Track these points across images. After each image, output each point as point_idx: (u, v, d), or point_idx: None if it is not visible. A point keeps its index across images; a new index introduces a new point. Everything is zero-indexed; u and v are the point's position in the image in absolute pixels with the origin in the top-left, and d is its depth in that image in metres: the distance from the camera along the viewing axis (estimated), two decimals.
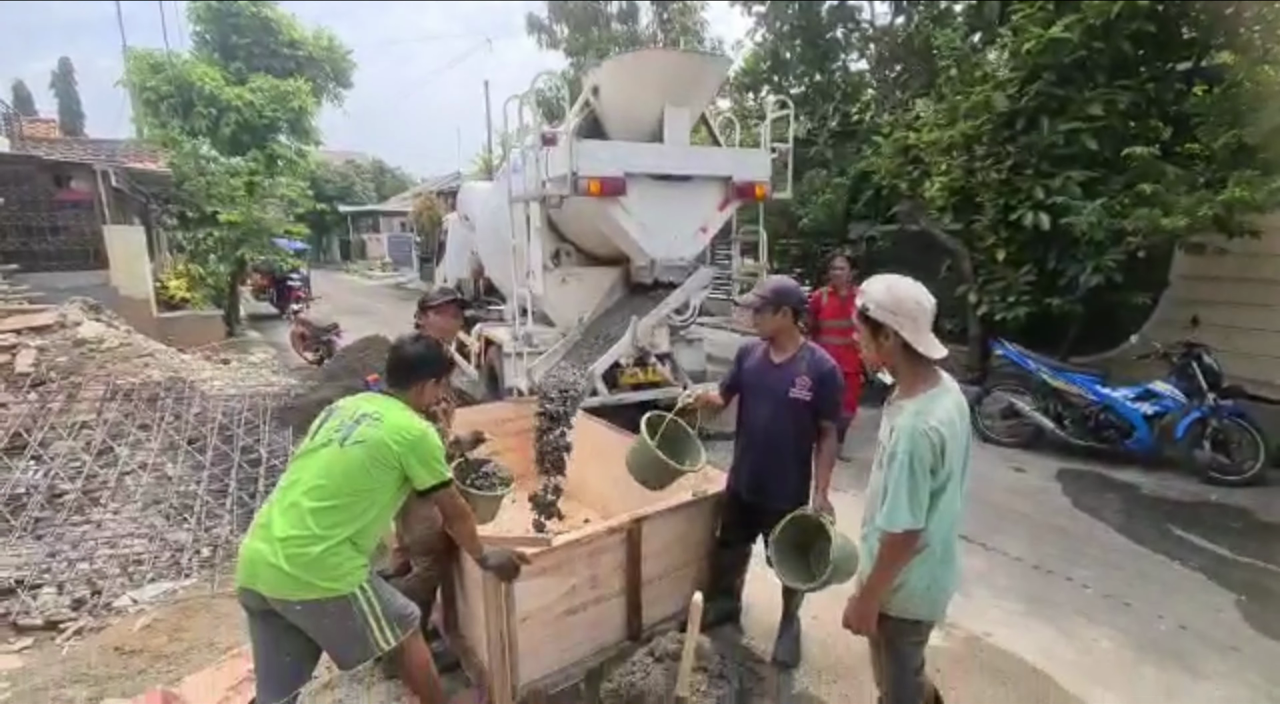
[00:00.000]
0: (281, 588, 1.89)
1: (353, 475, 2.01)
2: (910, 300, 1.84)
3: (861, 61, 9.05)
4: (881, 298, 1.85)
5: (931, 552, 1.87)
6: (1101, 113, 5.63)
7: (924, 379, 1.87)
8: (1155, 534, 4.14)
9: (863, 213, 8.30)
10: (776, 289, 2.75)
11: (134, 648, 3.05)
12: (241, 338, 11.79)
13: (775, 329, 2.75)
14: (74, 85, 37.90)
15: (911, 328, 1.82)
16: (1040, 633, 3.13)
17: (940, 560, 1.89)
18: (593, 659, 2.79)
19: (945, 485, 1.82)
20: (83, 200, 9.92)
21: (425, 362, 2.31)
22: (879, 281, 1.91)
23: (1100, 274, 5.60)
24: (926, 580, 1.89)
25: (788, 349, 2.77)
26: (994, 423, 6.01)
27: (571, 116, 5.09)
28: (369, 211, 35.84)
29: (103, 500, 4.15)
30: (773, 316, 2.72)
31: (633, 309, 5.11)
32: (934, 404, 1.81)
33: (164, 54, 12.30)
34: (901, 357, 1.86)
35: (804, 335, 2.88)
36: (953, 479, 1.83)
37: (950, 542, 1.91)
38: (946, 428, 1.78)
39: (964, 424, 1.88)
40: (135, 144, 14.01)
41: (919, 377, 1.88)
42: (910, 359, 1.86)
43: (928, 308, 1.85)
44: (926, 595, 1.91)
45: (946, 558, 1.90)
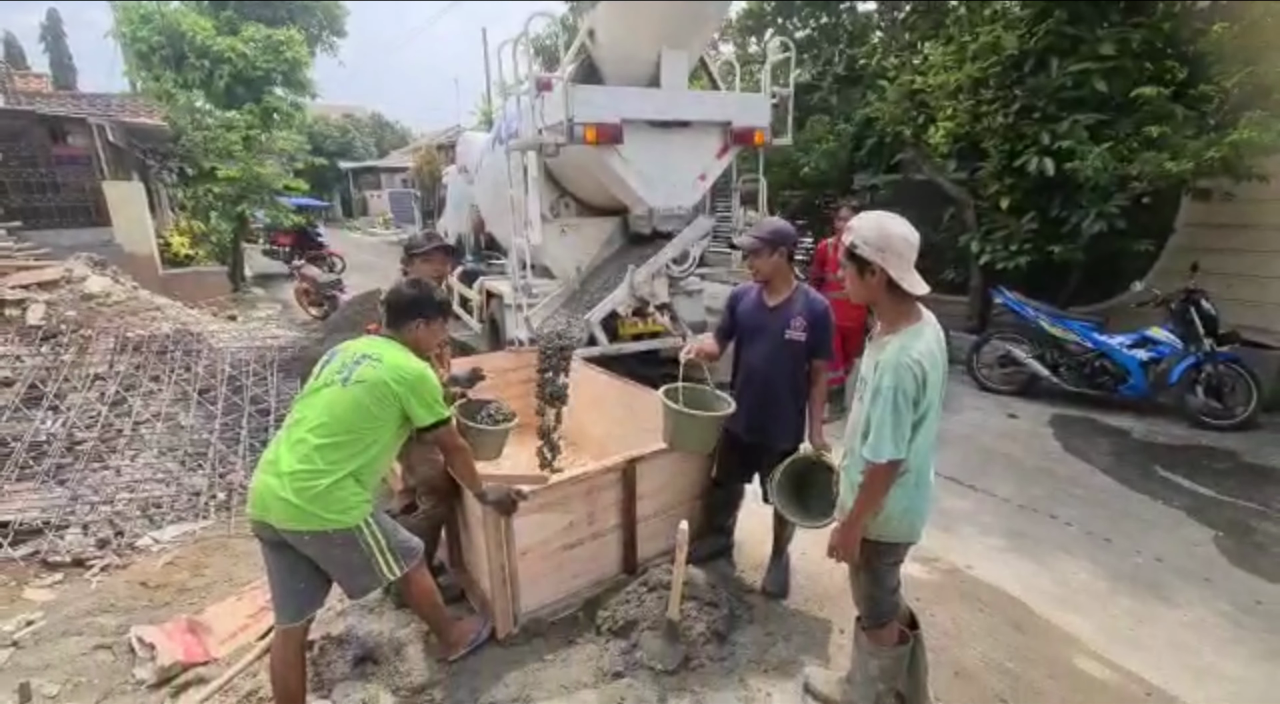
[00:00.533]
0: (291, 520, 2.00)
1: (354, 413, 2.09)
2: (898, 238, 1.87)
3: (870, 2, 8.72)
4: (870, 236, 1.88)
5: (909, 478, 1.95)
6: (1113, 52, 5.46)
7: (906, 315, 1.92)
8: (1141, 476, 4.24)
9: (866, 161, 8.16)
10: (774, 230, 2.76)
11: (158, 582, 3.23)
12: (247, 294, 11.87)
13: (772, 271, 2.78)
14: (64, 38, 36.96)
15: (897, 265, 1.86)
16: (1020, 566, 3.26)
17: (916, 486, 1.97)
18: (590, 591, 2.94)
19: (925, 416, 1.89)
20: (80, 156, 9.85)
21: (418, 303, 2.37)
22: (869, 219, 1.93)
23: (1103, 221, 5.54)
24: (904, 505, 1.98)
25: (782, 291, 2.81)
26: (991, 371, 6.07)
27: (567, 62, 4.99)
28: (369, 168, 35.36)
29: (119, 448, 4.30)
30: (770, 257, 2.74)
31: (631, 259, 5.12)
32: (916, 339, 1.87)
33: (153, 3, 11.98)
34: (885, 293, 1.90)
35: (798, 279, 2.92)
36: (932, 409, 1.90)
37: (925, 469, 1.99)
38: (928, 360, 1.84)
39: (943, 356, 1.93)
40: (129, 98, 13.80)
41: (902, 313, 1.92)
42: (894, 295, 1.90)
43: (914, 245, 1.89)
44: (904, 519, 2.01)
45: (922, 484, 1.99)
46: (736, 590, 3.01)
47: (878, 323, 2.03)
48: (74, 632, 2.82)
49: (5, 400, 4.40)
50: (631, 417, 3.97)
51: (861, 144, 8.05)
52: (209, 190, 11.48)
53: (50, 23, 36.56)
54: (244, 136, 11.69)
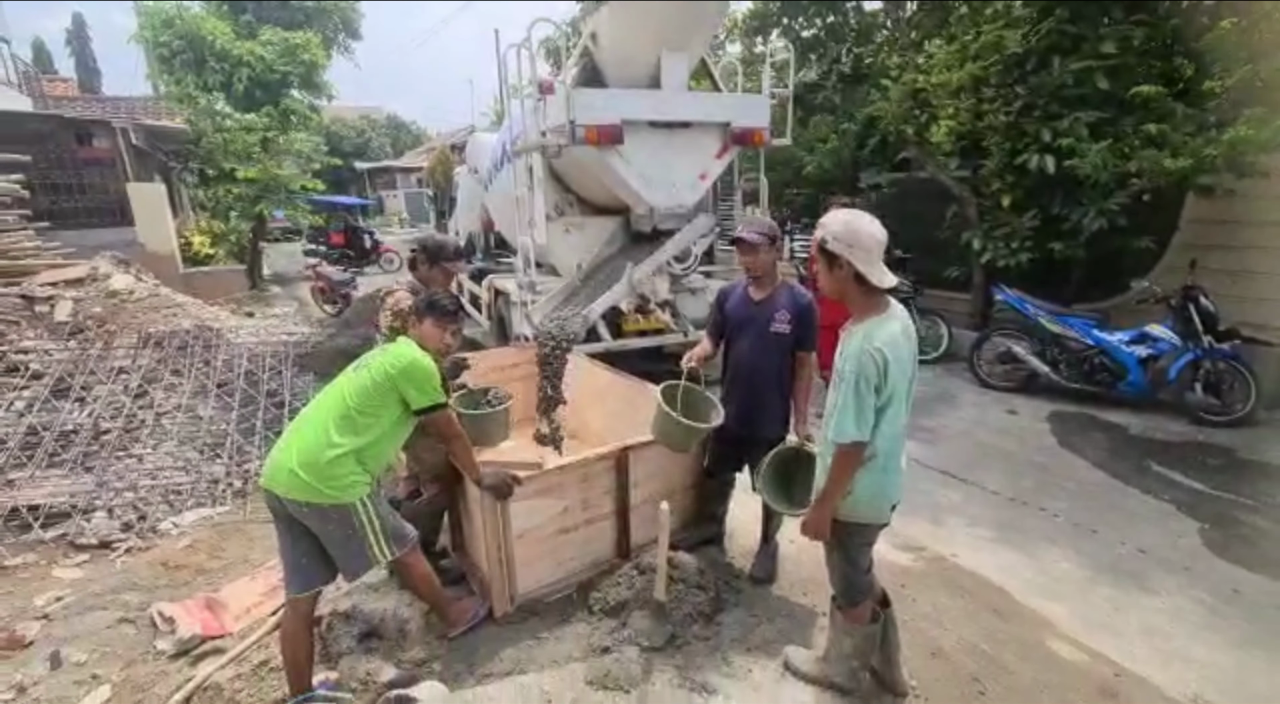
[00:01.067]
0: (293, 490, 2.16)
1: (360, 395, 2.29)
2: (865, 234, 1.98)
3: (875, 1, 8.76)
4: (839, 232, 1.99)
5: (876, 462, 2.05)
6: (1115, 50, 5.49)
7: (873, 307, 2.03)
8: (1134, 470, 4.29)
9: (869, 160, 8.21)
10: (772, 227, 2.92)
11: (179, 563, 3.42)
12: (264, 292, 12.16)
13: (766, 266, 2.91)
14: (88, 42, 37.85)
15: (865, 259, 1.96)
16: (1004, 556, 3.34)
17: (884, 470, 2.07)
18: (585, 573, 3.07)
19: (889, 402, 1.99)
20: (105, 158, 10.17)
21: (421, 307, 2.54)
22: (837, 217, 2.04)
23: (1103, 218, 5.58)
24: (872, 489, 2.09)
25: (767, 286, 2.93)
26: (991, 367, 6.12)
27: (570, 65, 5.13)
28: (385, 168, 35.79)
29: (142, 438, 4.51)
30: (766, 253, 2.88)
31: (632, 257, 5.25)
32: (880, 328, 1.97)
33: (175, 7, 12.28)
34: (853, 286, 2.01)
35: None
36: (896, 397, 2.00)
37: (893, 453, 2.09)
38: (890, 349, 1.94)
39: (910, 347, 2.03)
40: (152, 101, 14.16)
41: (869, 304, 2.03)
42: (861, 288, 2.00)
43: (880, 240, 1.99)
44: (872, 502, 2.11)
45: (889, 468, 2.09)
46: (725, 575, 3.13)
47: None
48: (100, 607, 3.01)
49: (35, 392, 4.63)
50: (630, 410, 4.09)
51: (865, 142, 8.11)
52: (228, 191, 11.77)
53: (75, 27, 37.49)
54: (262, 138, 11.97)
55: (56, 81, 20.87)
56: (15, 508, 3.70)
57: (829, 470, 2.07)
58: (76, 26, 37.42)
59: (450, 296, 2.67)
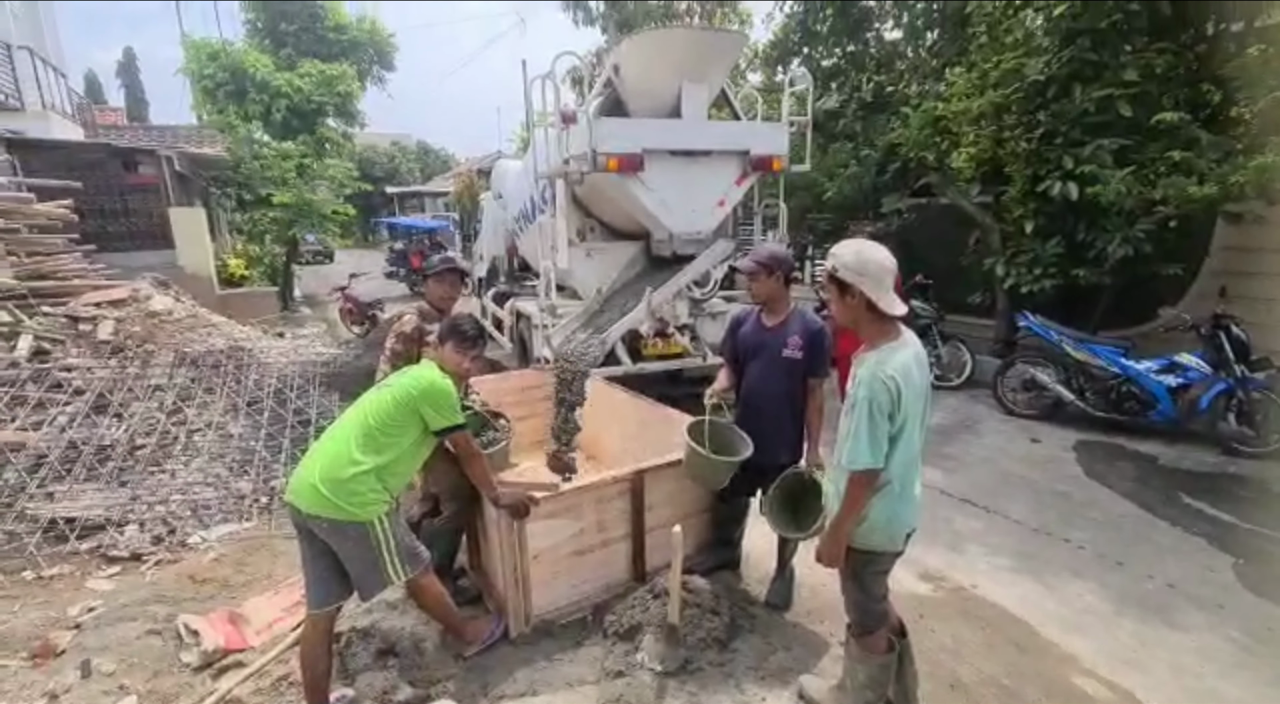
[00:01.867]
0: (313, 504, 2.23)
1: (381, 415, 2.36)
2: (874, 263, 2.01)
3: (895, 30, 8.86)
4: (849, 261, 2.03)
5: (891, 489, 2.05)
6: (1137, 78, 5.48)
7: (885, 334, 2.05)
8: (1163, 502, 4.18)
9: (890, 186, 8.24)
10: (771, 255, 2.92)
11: (205, 577, 3.51)
12: (295, 313, 12.49)
13: (769, 293, 2.93)
14: (138, 74, 39.77)
15: (875, 287, 2.00)
16: (1026, 587, 3.27)
17: (899, 497, 2.07)
18: (599, 596, 3.08)
19: (903, 429, 2.00)
20: (149, 184, 10.63)
21: (444, 332, 2.63)
22: (848, 246, 2.08)
23: (1128, 245, 5.52)
24: (887, 515, 2.08)
25: (779, 313, 2.95)
26: (1015, 395, 6.03)
27: (593, 95, 5.27)
28: (413, 192, 36.70)
29: (174, 454, 4.65)
30: (767, 280, 2.89)
31: (652, 281, 5.32)
32: (892, 355, 1.99)
33: (219, 42, 12.92)
34: (865, 313, 2.04)
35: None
36: (909, 423, 2.01)
37: (908, 480, 2.09)
38: (902, 376, 1.96)
39: (922, 374, 2.04)
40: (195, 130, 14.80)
41: (880, 332, 2.05)
42: (873, 315, 2.03)
43: (890, 269, 2.03)
44: (887, 529, 2.11)
45: (905, 496, 2.09)
46: (740, 601, 3.11)
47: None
48: (129, 618, 3.09)
49: (77, 408, 4.81)
50: (647, 432, 4.13)
51: (886, 169, 8.14)
52: (264, 215, 12.22)
53: (126, 60, 39.45)
54: (298, 165, 12.43)
55: (107, 111, 21.93)
56: (54, 519, 3.84)
57: (842, 497, 2.07)
58: (127, 59, 39.40)
59: (472, 322, 2.74)
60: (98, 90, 34.57)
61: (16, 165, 8.42)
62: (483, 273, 9.84)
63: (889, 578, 2.25)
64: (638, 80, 5.14)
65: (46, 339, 5.45)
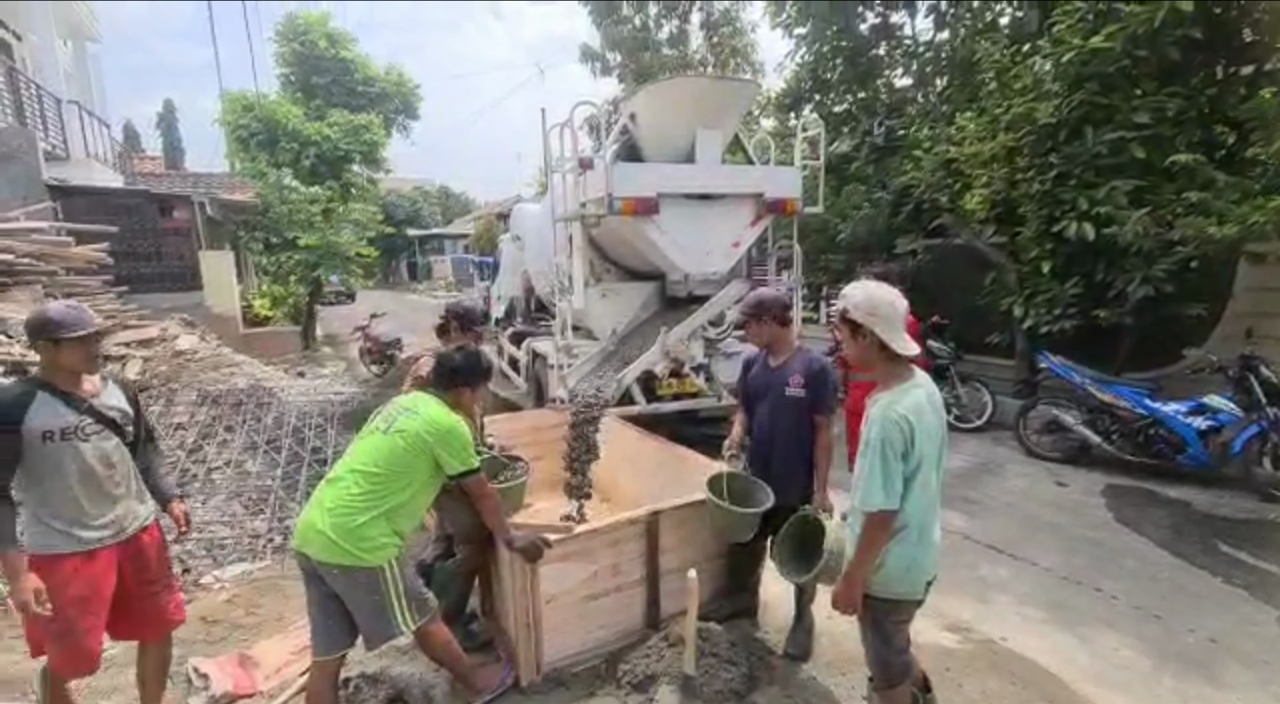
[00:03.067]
0: (324, 552, 2.21)
1: (392, 458, 2.34)
2: (885, 304, 2.02)
3: (905, 78, 9.06)
4: (860, 301, 2.04)
5: (909, 534, 2.01)
6: (1149, 121, 5.53)
7: (897, 375, 2.04)
8: (1200, 550, 4.02)
9: (904, 227, 8.29)
10: (757, 302, 2.99)
11: (217, 618, 3.48)
12: (316, 352, 12.70)
13: (767, 337, 2.99)
14: (176, 124, 41.70)
15: (886, 328, 1.99)
16: (1058, 639, 3.14)
17: (917, 543, 2.02)
18: (614, 643, 3.01)
19: (917, 471, 1.97)
20: (182, 229, 11.03)
21: (461, 371, 2.63)
22: (858, 288, 2.10)
23: (1149, 285, 5.46)
24: (905, 561, 2.03)
25: (782, 353, 3.00)
26: (1039, 437, 5.90)
27: (610, 142, 5.43)
28: (435, 235, 37.64)
29: (193, 492, 4.68)
30: (759, 326, 2.97)
31: (667, 322, 5.36)
32: (905, 396, 1.98)
33: (254, 95, 13.54)
34: (877, 354, 2.03)
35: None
36: (925, 465, 1.97)
37: (926, 525, 2.04)
38: (915, 416, 1.94)
39: (936, 415, 2.02)
40: (228, 177, 15.41)
41: (893, 372, 2.04)
42: (885, 356, 2.03)
43: (900, 310, 2.03)
44: (906, 576, 2.05)
45: (923, 541, 2.04)
46: (759, 650, 3.01)
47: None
48: None
49: None
50: (662, 473, 4.09)
51: (899, 210, 8.21)
52: (290, 257, 12.57)
53: (165, 111, 41.42)
54: (324, 209, 12.84)
55: (145, 159, 22.95)
56: None
57: (858, 540, 2.03)
58: (166, 110, 41.37)
59: (480, 358, 2.75)
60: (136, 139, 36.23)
61: (59, 211, 8.78)
62: (500, 313, 9.97)
63: (911, 629, 2.18)
64: (653, 127, 5.29)
65: None
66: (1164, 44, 5.47)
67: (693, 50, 15.97)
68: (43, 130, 10.27)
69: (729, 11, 15.45)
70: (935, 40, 8.31)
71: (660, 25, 15.83)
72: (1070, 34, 5.78)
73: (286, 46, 14.22)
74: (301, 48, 14.12)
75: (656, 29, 15.81)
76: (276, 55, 14.49)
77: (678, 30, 15.91)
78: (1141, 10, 5.34)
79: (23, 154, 8.32)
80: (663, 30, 15.88)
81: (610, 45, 15.88)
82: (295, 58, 14.30)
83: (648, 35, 15.58)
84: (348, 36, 14.66)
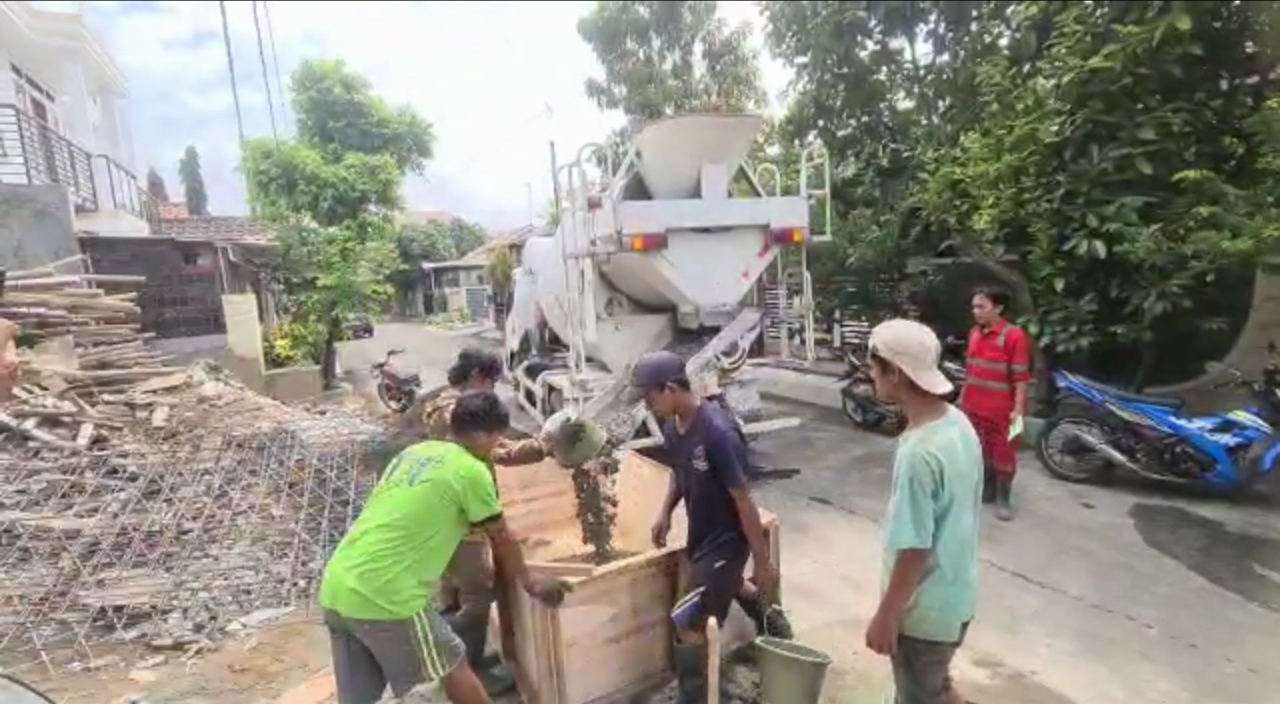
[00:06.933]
0: (355, 608, 2.24)
1: (419, 509, 2.37)
2: (912, 342, 2.04)
3: (908, 101, 9.16)
4: (888, 339, 2.07)
5: (942, 574, 1.99)
6: (1154, 137, 5.54)
7: (928, 412, 2.04)
8: (1234, 573, 3.91)
9: (914, 248, 8.32)
10: (651, 371, 2.77)
11: (243, 667, 3.52)
12: (336, 390, 12.89)
13: (670, 405, 2.77)
14: (198, 169, 43.12)
15: (912, 365, 2.01)
16: (1091, 672, 3.06)
17: (951, 583, 2.00)
18: (636, 685, 2.99)
19: (949, 510, 1.95)
20: (206, 274, 11.34)
21: (480, 416, 2.67)
22: (889, 326, 2.13)
23: (1166, 301, 5.42)
24: (939, 602, 2.01)
25: (687, 419, 2.79)
26: (1061, 457, 5.81)
27: (617, 178, 5.55)
28: (449, 267, 38.22)
29: (219, 538, 4.76)
30: (659, 395, 2.74)
31: (679, 354, 5.39)
32: (935, 434, 1.98)
33: (273, 141, 13.98)
34: (906, 391, 2.05)
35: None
36: (956, 504, 1.96)
37: (961, 566, 2.01)
38: (945, 454, 1.94)
39: (968, 454, 2.02)
40: (249, 221, 15.85)
41: (923, 410, 2.05)
42: (914, 393, 2.04)
43: (930, 348, 2.04)
44: (940, 618, 2.02)
45: (958, 581, 2.01)
46: None
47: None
48: None
49: (129, 494, 5.00)
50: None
51: (908, 231, 8.24)
52: (309, 297, 12.86)
53: (188, 158, 42.85)
54: (341, 249, 13.14)
55: (170, 206, 23.72)
56: (103, 608, 3.93)
57: (890, 578, 2.02)
58: (189, 157, 42.82)
59: (499, 404, 2.80)
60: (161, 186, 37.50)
61: (88, 263, 9.09)
62: (515, 346, 10.08)
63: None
64: (659, 163, 5.41)
65: (106, 426, 5.74)
66: (1164, 61, 5.51)
67: (696, 80, 16.27)
68: (74, 184, 10.68)
69: (730, 41, 15.76)
70: (935, 63, 8.41)
71: (664, 57, 16.18)
72: (1070, 55, 5.84)
73: (303, 93, 14.71)
74: (317, 94, 14.59)
75: (660, 61, 16.15)
76: (294, 102, 15.00)
77: (681, 61, 16.24)
78: (1140, 30, 5.38)
79: (55, 209, 8.65)
80: (666, 62, 16.22)
81: (615, 79, 16.23)
82: (311, 104, 14.77)
83: (651, 69, 15.91)
84: (362, 81, 15.15)
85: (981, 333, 5.11)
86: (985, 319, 5.05)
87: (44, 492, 4.83)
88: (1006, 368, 4.85)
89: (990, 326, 5.04)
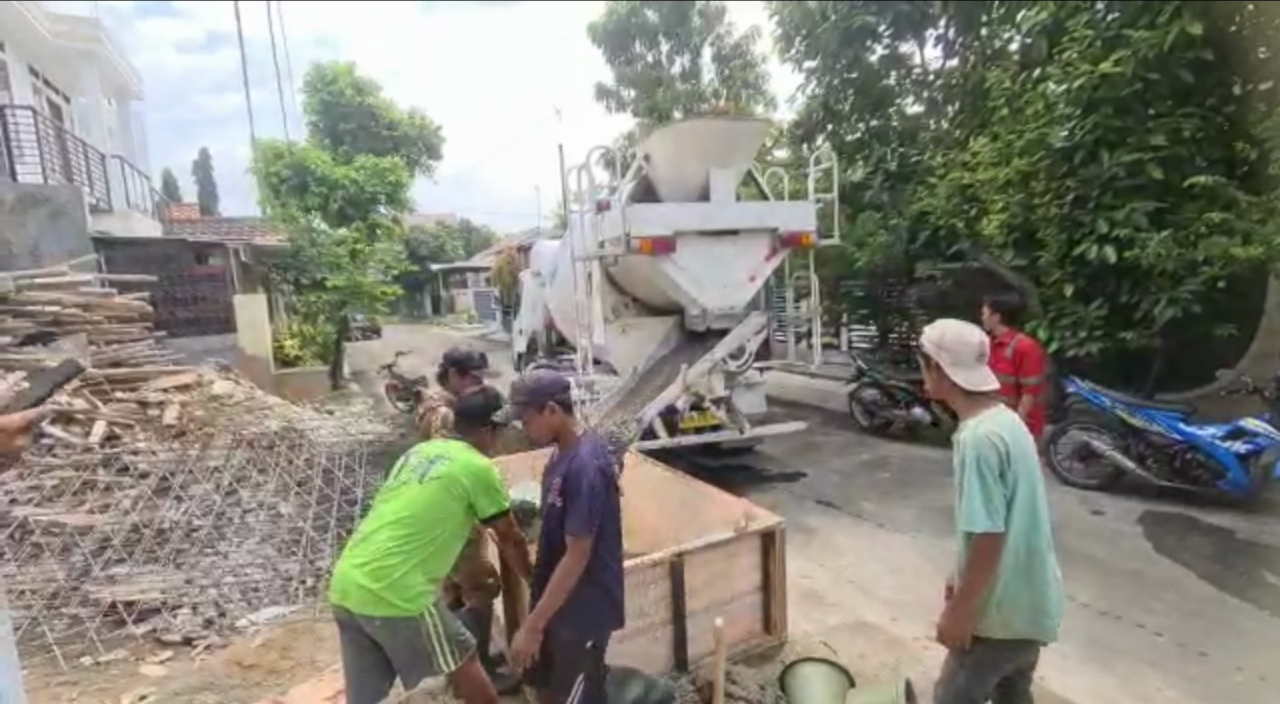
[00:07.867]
0: (366, 605, 2.26)
1: (428, 506, 2.39)
2: (953, 337, 2.05)
3: (916, 105, 9.16)
4: (932, 335, 2.10)
5: (1005, 562, 1.92)
6: (1165, 142, 5.52)
7: (979, 405, 2.03)
8: (1245, 581, 3.88)
9: (922, 253, 8.30)
10: (534, 387, 2.34)
11: (252, 663, 3.54)
12: (344, 390, 12.97)
13: (549, 430, 2.31)
14: (211, 171, 43.58)
15: (951, 361, 2.02)
16: (1098, 680, 3.05)
17: (1015, 571, 1.92)
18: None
19: (1016, 492, 1.91)
20: (217, 274, 11.44)
21: (481, 412, 2.69)
22: (936, 323, 2.15)
23: (1176, 307, 5.39)
24: (996, 595, 1.93)
25: (567, 446, 2.34)
26: (1070, 463, 5.77)
27: (626, 181, 5.57)
28: (457, 268, 38.40)
29: (228, 535, 4.80)
30: (538, 417, 2.28)
31: (687, 356, 5.41)
32: (992, 420, 1.98)
33: (284, 143, 14.11)
34: (950, 387, 2.05)
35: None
36: (1022, 485, 1.92)
37: (1029, 556, 1.94)
38: (1008, 434, 1.93)
39: (1027, 439, 2.00)
40: (260, 221, 15.99)
41: (974, 404, 2.03)
42: (957, 390, 2.04)
43: (971, 343, 2.04)
44: (997, 612, 1.94)
45: (1027, 572, 1.93)
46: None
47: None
48: None
49: (140, 491, 5.05)
50: (685, 510, 4.09)
51: (917, 236, 8.22)
52: (319, 297, 12.97)
53: (201, 159, 43.31)
54: (351, 250, 13.24)
55: (182, 207, 23.96)
56: (114, 603, 3.97)
57: (966, 565, 1.96)
58: (202, 159, 43.28)
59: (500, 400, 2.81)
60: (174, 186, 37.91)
61: (102, 262, 9.20)
62: (522, 348, 10.12)
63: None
64: (667, 167, 5.43)
65: (118, 424, 5.80)
66: (1176, 67, 5.49)
67: (705, 84, 16.31)
68: (88, 185, 10.81)
69: (739, 45, 15.80)
70: (945, 68, 8.40)
71: (673, 61, 16.23)
72: (1080, 60, 5.83)
73: (315, 96, 14.85)
74: (329, 97, 14.72)
75: (669, 64, 16.20)
76: (305, 104, 15.13)
77: (690, 65, 16.29)
78: (1150, 35, 5.37)
79: (70, 210, 8.76)
80: (675, 66, 16.27)
81: (624, 83, 16.28)
82: (322, 106, 14.91)
83: (660, 72, 15.96)
84: (372, 84, 15.27)
85: (991, 342, 5.01)
86: (989, 328, 4.95)
87: (57, 488, 4.89)
88: (1015, 381, 4.71)
89: (998, 336, 4.92)
